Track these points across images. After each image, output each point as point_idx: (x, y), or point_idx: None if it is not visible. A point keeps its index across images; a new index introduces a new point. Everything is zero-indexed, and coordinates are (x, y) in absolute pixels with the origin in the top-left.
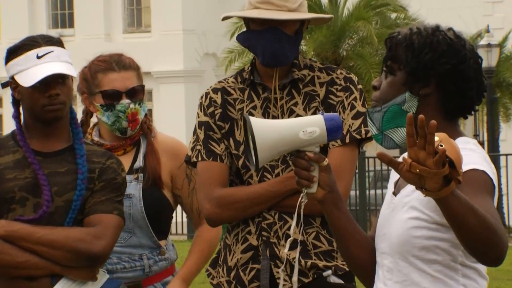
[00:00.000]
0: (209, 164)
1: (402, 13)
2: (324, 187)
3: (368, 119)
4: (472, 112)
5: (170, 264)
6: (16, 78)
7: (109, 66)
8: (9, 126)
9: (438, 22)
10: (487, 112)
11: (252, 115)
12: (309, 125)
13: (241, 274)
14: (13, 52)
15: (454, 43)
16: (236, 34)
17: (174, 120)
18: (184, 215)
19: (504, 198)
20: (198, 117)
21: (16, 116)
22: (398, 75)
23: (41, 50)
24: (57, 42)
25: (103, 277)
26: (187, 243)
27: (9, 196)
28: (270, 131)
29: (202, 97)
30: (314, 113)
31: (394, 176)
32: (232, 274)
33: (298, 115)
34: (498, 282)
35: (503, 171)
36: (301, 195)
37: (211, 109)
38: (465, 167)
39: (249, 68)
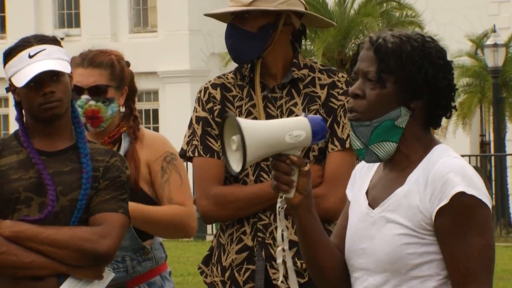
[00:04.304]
0: (206, 161)
1: (408, 11)
2: (302, 192)
3: (352, 133)
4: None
5: (157, 264)
6: (12, 80)
7: (80, 62)
8: (15, 125)
9: (444, 22)
10: (493, 112)
11: (251, 113)
12: (295, 129)
13: (236, 274)
14: (8, 55)
15: (444, 56)
16: None
17: (180, 119)
18: None
19: (511, 198)
20: (196, 111)
21: (19, 118)
22: (390, 88)
23: (32, 50)
24: (51, 40)
25: (109, 275)
26: (193, 243)
27: (14, 197)
28: (258, 133)
29: (200, 92)
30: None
31: (358, 185)
32: (227, 274)
33: (297, 116)
34: (504, 282)
35: (509, 171)
36: (279, 200)
37: (210, 104)
38: (452, 189)
39: (249, 65)
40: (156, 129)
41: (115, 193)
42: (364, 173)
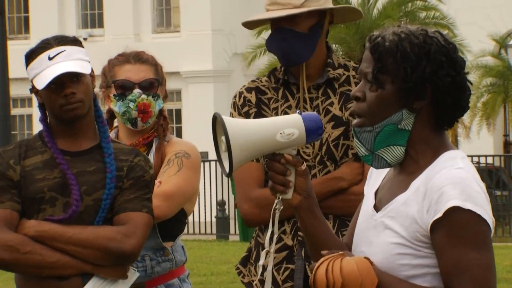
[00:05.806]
0: (245, 164)
1: (434, 12)
2: (300, 193)
3: (356, 139)
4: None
5: (176, 267)
6: (34, 82)
7: (126, 59)
8: (39, 125)
9: (466, 22)
10: None
11: (287, 113)
12: (287, 126)
13: (275, 273)
14: (29, 57)
15: (449, 51)
16: (263, 33)
17: (202, 120)
18: (213, 214)
19: None
20: (232, 116)
21: (43, 119)
22: (388, 89)
23: (52, 51)
24: (70, 41)
25: (133, 275)
26: (216, 242)
27: (39, 197)
28: (245, 132)
29: (235, 97)
30: (351, 114)
31: (372, 181)
32: (266, 273)
33: (334, 116)
34: None
35: None
36: (275, 201)
37: (246, 108)
38: (447, 203)
39: (282, 67)
40: (179, 129)
41: (139, 192)
42: (381, 169)
